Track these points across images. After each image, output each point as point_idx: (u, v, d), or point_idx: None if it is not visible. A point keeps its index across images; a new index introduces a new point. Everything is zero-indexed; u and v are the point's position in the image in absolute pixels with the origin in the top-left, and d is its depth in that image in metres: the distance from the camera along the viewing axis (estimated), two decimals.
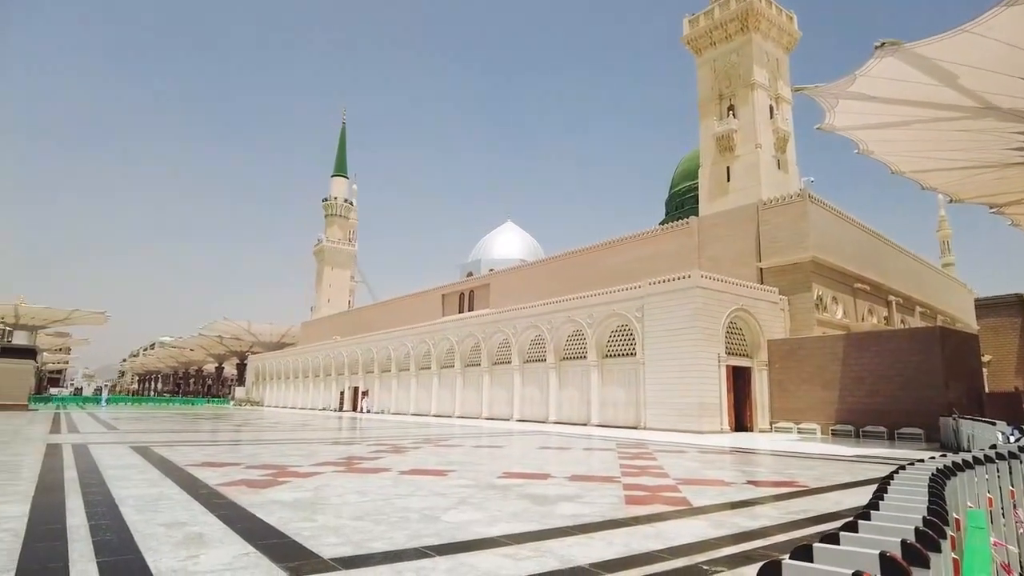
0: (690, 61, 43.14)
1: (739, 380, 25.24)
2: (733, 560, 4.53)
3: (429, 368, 40.78)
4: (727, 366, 24.42)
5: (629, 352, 27.09)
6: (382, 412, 43.95)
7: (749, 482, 9.28)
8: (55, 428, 19.63)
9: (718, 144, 39.04)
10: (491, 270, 53.25)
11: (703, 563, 4.43)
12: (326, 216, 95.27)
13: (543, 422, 30.06)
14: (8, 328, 50.11)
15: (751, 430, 24.81)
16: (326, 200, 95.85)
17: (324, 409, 51.38)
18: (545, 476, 9.46)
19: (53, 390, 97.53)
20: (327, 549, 4.57)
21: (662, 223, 45.66)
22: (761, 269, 29.08)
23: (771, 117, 38.99)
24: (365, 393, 47.46)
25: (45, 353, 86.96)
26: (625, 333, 27.53)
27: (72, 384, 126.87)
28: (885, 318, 33.21)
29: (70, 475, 8.52)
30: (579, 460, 12.47)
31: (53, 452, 11.68)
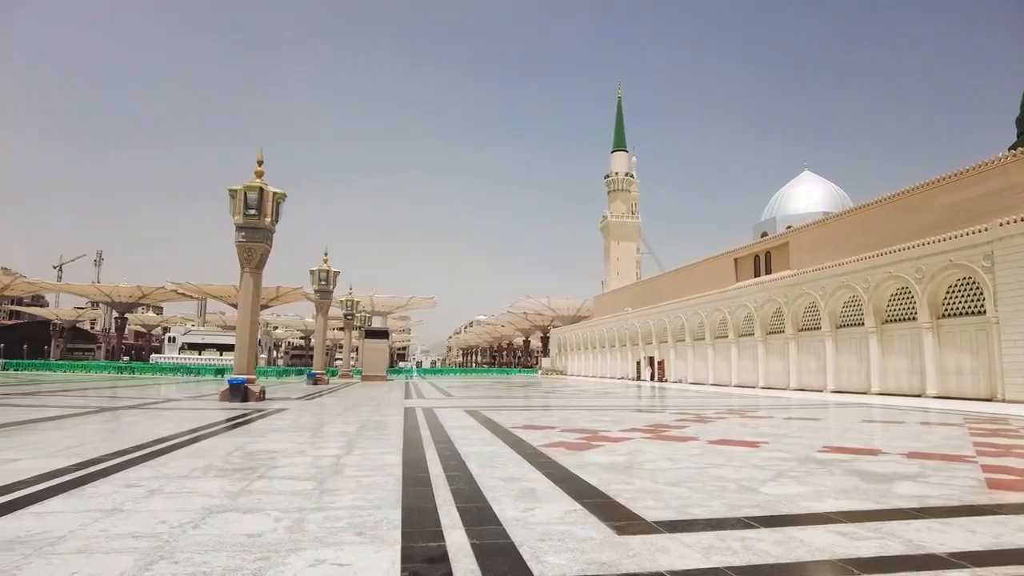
0: None
1: None
2: None
3: (726, 337, 39.35)
4: None
5: (975, 310, 22.78)
6: (679, 382, 43.79)
7: None
8: (408, 394, 23.59)
9: None
10: (788, 227, 49.04)
11: None
12: (609, 192, 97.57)
13: (863, 393, 26.96)
14: (367, 315, 61.54)
15: None
16: (607, 176, 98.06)
17: (622, 378, 53.06)
18: (874, 452, 8.48)
19: (401, 363, 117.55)
20: (648, 512, 4.74)
21: (1012, 148, 36.94)
22: None
23: None
24: (660, 363, 47.75)
25: (393, 334, 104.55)
26: (968, 287, 23.18)
27: (414, 358, 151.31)
28: None
29: (425, 433, 10.18)
30: (915, 435, 10.90)
31: (409, 414, 14.06)
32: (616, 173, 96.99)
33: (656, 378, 47.40)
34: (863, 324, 27.88)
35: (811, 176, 61.79)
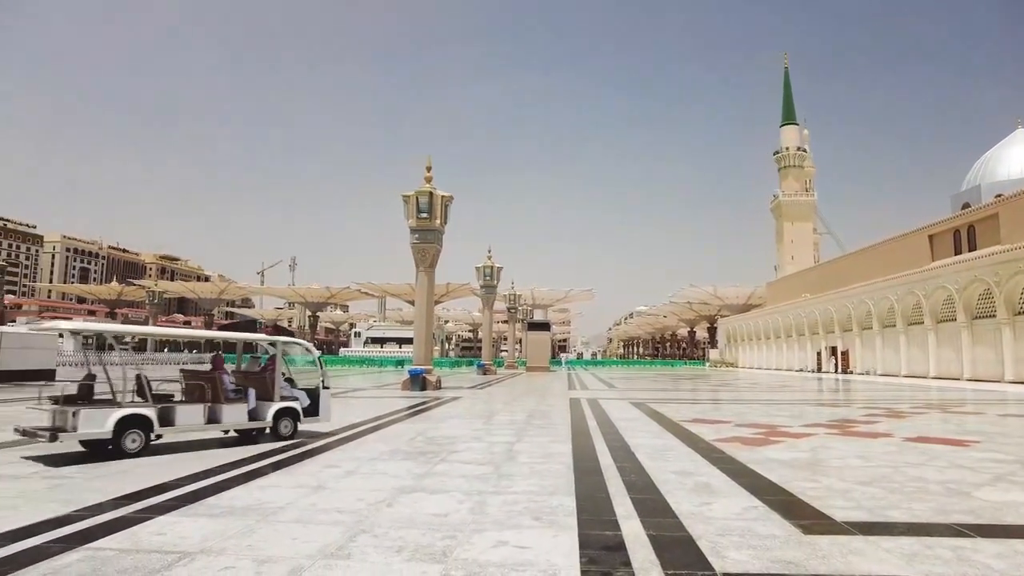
0: None
1: None
2: None
3: (921, 323, 35.27)
4: None
5: None
6: (866, 373, 40.01)
7: None
8: (571, 385, 23.87)
9: None
10: (998, 196, 42.63)
11: None
12: (779, 169, 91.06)
13: None
14: (529, 308, 63.06)
15: None
16: (777, 153, 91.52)
17: (800, 370, 49.51)
18: None
19: (562, 355, 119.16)
20: (838, 512, 4.42)
21: None
22: None
23: None
24: (844, 353, 43.94)
25: (554, 326, 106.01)
26: None
27: (574, 350, 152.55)
28: None
29: (592, 424, 10.26)
30: None
31: (574, 405, 14.23)
32: (787, 148, 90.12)
33: (840, 370, 43.63)
34: None
35: None
